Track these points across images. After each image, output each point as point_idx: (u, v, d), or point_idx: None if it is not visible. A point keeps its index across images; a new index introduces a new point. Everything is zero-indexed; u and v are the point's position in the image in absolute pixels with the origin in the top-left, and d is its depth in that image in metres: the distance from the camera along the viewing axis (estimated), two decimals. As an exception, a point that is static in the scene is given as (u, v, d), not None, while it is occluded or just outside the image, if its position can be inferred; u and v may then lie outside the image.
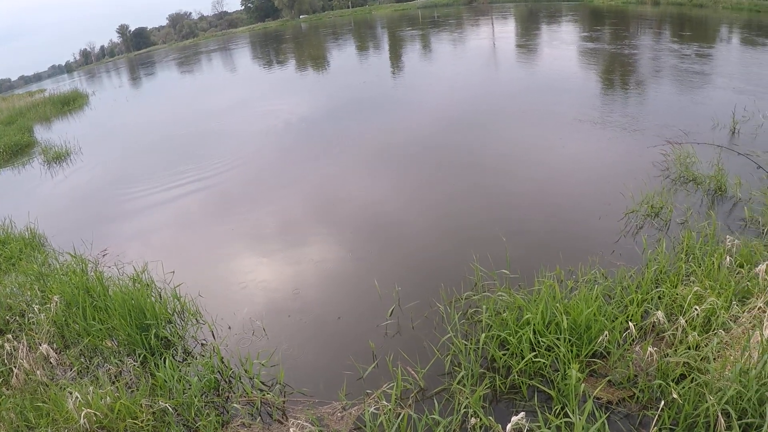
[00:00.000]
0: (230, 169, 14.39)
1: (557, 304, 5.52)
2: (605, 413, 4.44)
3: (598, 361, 5.22)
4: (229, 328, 7.14)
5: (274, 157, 14.77)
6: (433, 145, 13.44)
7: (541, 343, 5.28)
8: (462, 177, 11.00)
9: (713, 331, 5.09)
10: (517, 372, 5.21)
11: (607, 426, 4.30)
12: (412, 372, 5.56)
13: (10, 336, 7.04)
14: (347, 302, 7.37)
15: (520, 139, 12.85)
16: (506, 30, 39.45)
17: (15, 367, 6.32)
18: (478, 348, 5.57)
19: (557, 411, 4.65)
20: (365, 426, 4.90)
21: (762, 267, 5.59)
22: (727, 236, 6.44)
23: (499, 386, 5.24)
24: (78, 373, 6.46)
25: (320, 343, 6.59)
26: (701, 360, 4.70)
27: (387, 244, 8.82)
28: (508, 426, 3.65)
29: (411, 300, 6.93)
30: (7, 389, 6.20)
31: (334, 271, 8.28)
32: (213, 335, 7.01)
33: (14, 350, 6.65)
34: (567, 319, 5.29)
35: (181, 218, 11.43)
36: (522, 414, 3.69)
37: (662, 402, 4.19)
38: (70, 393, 5.42)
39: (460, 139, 13.57)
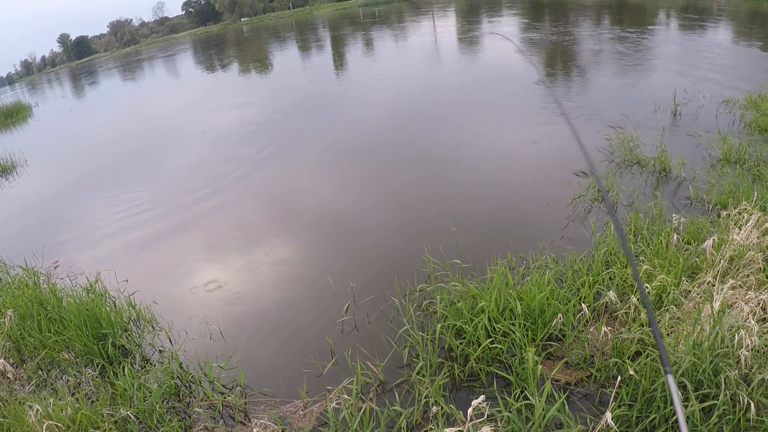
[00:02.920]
0: (177, 173, 14.24)
1: (510, 291, 5.57)
2: (564, 394, 4.47)
3: (554, 344, 5.29)
4: (186, 333, 7.03)
5: (219, 160, 14.60)
6: (380, 140, 13.49)
7: (497, 330, 5.32)
8: (410, 171, 11.04)
9: (665, 307, 5.18)
10: (474, 359, 5.23)
11: (566, 406, 4.36)
12: (371, 366, 5.55)
13: None
14: (302, 301, 7.33)
15: (465, 130, 12.93)
16: (447, 24, 39.71)
17: None
18: (435, 338, 5.59)
19: (517, 395, 4.68)
20: (328, 421, 4.89)
21: (708, 242, 5.72)
22: (674, 215, 6.56)
23: (458, 374, 5.26)
24: (36, 387, 6.31)
25: (278, 343, 6.54)
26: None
27: (339, 241, 8.78)
28: (469, 410, 3.65)
29: (366, 295, 6.91)
30: None
31: (287, 270, 8.23)
32: (170, 341, 6.91)
33: None
34: (521, 304, 5.34)
35: (130, 226, 11.22)
36: (482, 397, 3.69)
37: (618, 378, 4.23)
38: (30, 406, 5.32)
39: (406, 133, 13.60)
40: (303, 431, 5.02)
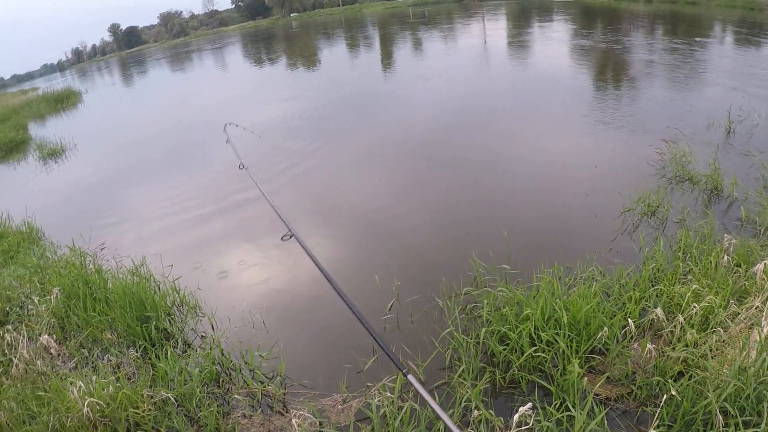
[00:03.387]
0: (223, 164, 14.39)
1: (557, 300, 5.56)
2: (604, 408, 4.47)
3: (597, 357, 5.26)
4: (229, 320, 7.16)
5: (265, 153, 14.72)
6: (426, 141, 13.49)
7: (542, 339, 5.31)
8: (455, 173, 11.04)
9: (711, 329, 5.13)
10: (517, 367, 5.25)
11: (606, 422, 4.36)
12: (413, 366, 5.59)
13: (9, 327, 7.05)
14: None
15: (515, 136, 12.90)
16: (497, 27, 39.47)
17: (15, 357, 6.32)
18: (479, 343, 5.61)
19: (557, 405, 4.68)
20: (369, 416, 4.93)
21: (759, 266, 5.62)
22: (725, 235, 6.48)
23: (499, 380, 5.27)
24: (78, 364, 6.47)
25: (320, 336, 6.63)
26: (700, 357, 4.74)
27: (385, 239, 8.85)
28: (515, 416, 3.69)
29: (410, 294, 6.96)
30: (7, 379, 6.20)
31: (332, 265, 8.29)
32: (212, 327, 7.03)
33: (14, 341, 6.65)
34: (567, 314, 5.33)
35: (176, 214, 11.43)
36: (529, 404, 3.72)
37: (664, 397, 4.21)
38: (73, 383, 5.42)
39: (453, 135, 13.60)
40: (341, 425, 5.07)
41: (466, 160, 11.72)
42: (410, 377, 3.81)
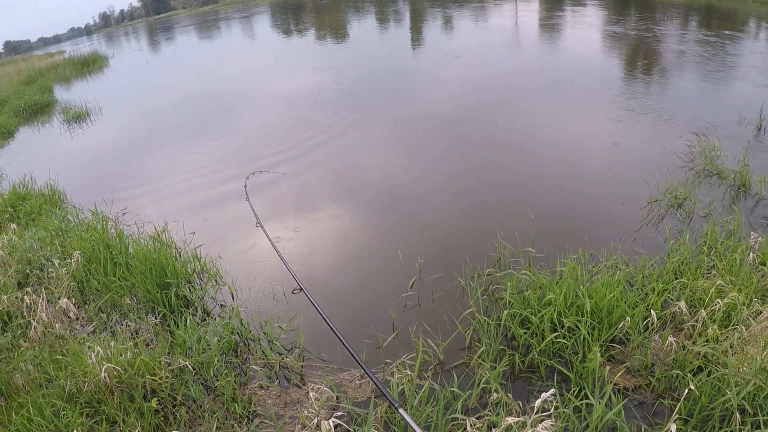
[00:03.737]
0: (248, 134, 14.43)
1: (580, 287, 5.55)
2: (622, 398, 4.47)
3: (617, 346, 5.25)
4: (249, 290, 7.22)
5: (292, 123, 14.72)
6: (455, 119, 13.41)
7: (563, 325, 5.32)
8: (484, 154, 11.00)
9: (733, 326, 5.11)
10: (537, 351, 5.26)
11: (623, 412, 4.36)
12: (432, 344, 5.62)
13: (29, 289, 7.13)
14: (368, 272, 7.46)
15: (543, 119, 12.75)
16: (529, 9, 39.04)
17: (34, 320, 6.39)
18: (499, 325, 5.62)
19: (575, 393, 4.68)
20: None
21: (786, 267, 5.61)
22: (752, 233, 6.45)
23: (518, 364, 5.30)
24: (96, 329, 6.56)
25: (340, 310, 6.62)
26: (721, 353, 4.73)
27: (409, 215, 8.86)
28: (537, 402, 3.70)
29: (433, 272, 6.98)
30: (25, 341, 6.28)
31: (355, 240, 8.34)
32: (232, 297, 7.10)
33: (33, 303, 6.72)
34: (590, 302, 5.33)
35: (200, 183, 11.48)
36: (552, 390, 3.74)
37: (685, 391, 4.21)
38: (91, 347, 5.49)
39: (483, 115, 13.53)
40: (358, 401, 5.11)
41: (493, 139, 11.69)
42: (401, 411, 3.80)
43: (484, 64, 19.61)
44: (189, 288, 7.05)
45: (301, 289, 5.94)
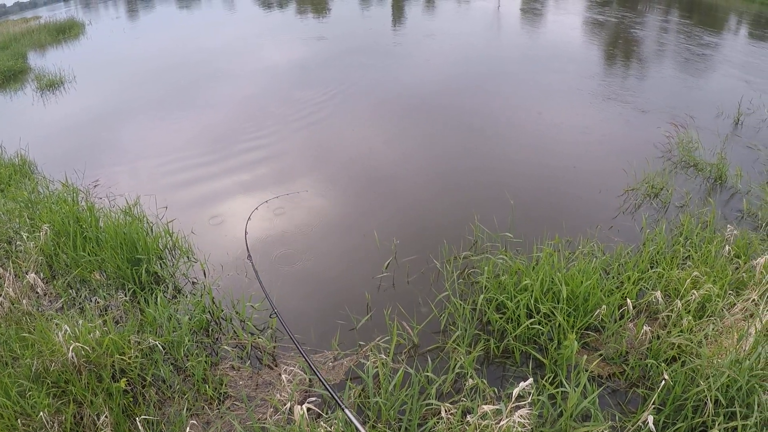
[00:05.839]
0: (227, 104, 14.24)
1: (557, 273, 5.53)
2: (596, 386, 4.45)
3: (592, 334, 5.26)
4: (222, 268, 7.09)
5: (269, 99, 14.54)
6: (435, 102, 13.25)
7: (539, 311, 5.29)
8: (462, 138, 10.92)
9: (707, 317, 5.13)
10: (512, 337, 5.24)
11: (596, 400, 4.36)
12: (407, 327, 5.58)
13: None
14: (343, 251, 7.35)
15: (522, 105, 12.69)
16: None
17: (0, 295, 6.23)
18: (475, 309, 5.61)
19: (549, 379, 4.67)
20: (361, 376, 4.92)
21: (760, 260, 5.61)
22: (728, 226, 6.47)
23: (493, 349, 5.27)
24: (65, 305, 6.40)
25: (314, 290, 6.57)
26: (696, 344, 4.73)
27: (386, 195, 8.79)
28: (515, 390, 3.66)
29: (408, 254, 6.94)
30: None
31: (331, 217, 8.24)
32: (204, 274, 6.96)
33: (0, 278, 6.57)
34: (566, 288, 5.32)
35: (175, 153, 11.26)
36: (530, 380, 3.71)
37: (659, 381, 4.21)
38: (58, 325, 5.35)
39: (462, 99, 13.38)
40: (331, 384, 5.05)
41: (470, 124, 11.61)
42: (347, 411, 3.74)
43: (463, 48, 19.44)
44: (160, 264, 6.94)
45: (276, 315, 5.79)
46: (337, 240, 7.67)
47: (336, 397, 3.50)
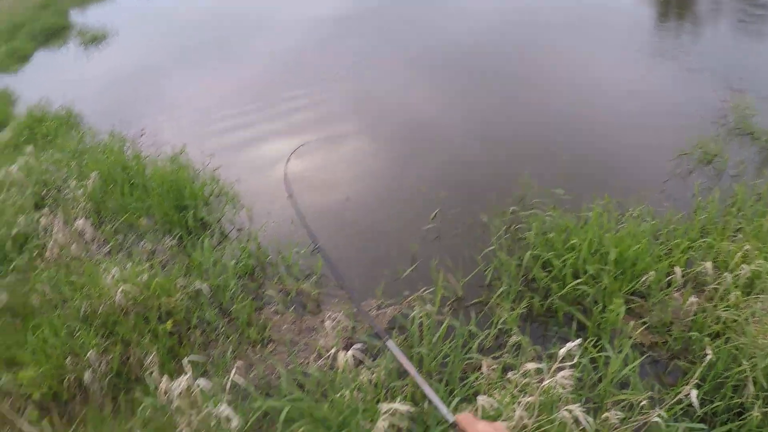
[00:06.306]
0: (270, 54, 14.13)
1: (606, 234, 5.46)
2: (638, 354, 4.42)
3: (638, 300, 5.22)
4: (268, 214, 7.16)
5: (311, 51, 14.33)
6: (481, 53, 12.97)
7: (586, 271, 5.23)
8: (512, 91, 10.67)
9: (755, 295, 4.99)
10: (557, 296, 5.22)
11: (638, 368, 4.33)
12: (452, 279, 5.58)
13: (45, 210, 7.14)
14: (389, 202, 7.36)
15: (572, 61, 12.36)
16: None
17: (50, 240, 6.37)
18: (520, 265, 5.58)
19: (592, 342, 4.63)
20: (405, 325, 4.97)
21: (816, 240, 5.48)
22: (786, 200, 6.31)
23: (537, 307, 5.27)
24: (112, 250, 6.54)
25: (359, 239, 6.63)
26: (743, 321, 4.66)
27: (430, 145, 8.71)
28: (562, 350, 3.64)
29: (455, 207, 6.90)
30: (41, 262, 6.28)
31: (376, 169, 8.22)
32: (250, 221, 7.04)
33: (49, 224, 6.70)
34: (615, 251, 5.25)
35: (222, 103, 11.31)
36: (579, 340, 3.69)
37: (702, 355, 4.15)
38: (106, 269, 5.46)
39: (510, 50, 13.10)
40: (374, 332, 5.08)
41: (517, 76, 11.38)
42: (389, 342, 3.73)
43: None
44: (206, 210, 7.05)
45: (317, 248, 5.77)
46: (381, 190, 7.65)
47: (378, 330, 3.54)
